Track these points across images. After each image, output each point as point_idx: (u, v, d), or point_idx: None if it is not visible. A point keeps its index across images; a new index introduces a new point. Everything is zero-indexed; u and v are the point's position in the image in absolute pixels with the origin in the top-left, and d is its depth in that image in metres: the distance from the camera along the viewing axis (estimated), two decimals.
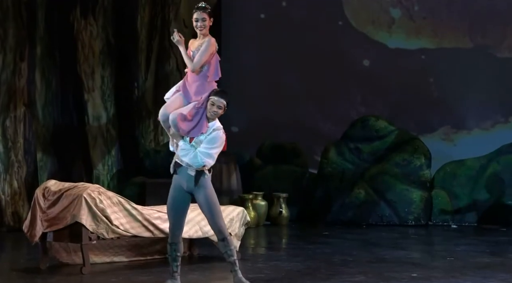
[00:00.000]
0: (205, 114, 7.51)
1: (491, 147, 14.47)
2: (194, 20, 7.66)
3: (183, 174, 7.50)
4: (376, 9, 16.34)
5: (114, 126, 14.77)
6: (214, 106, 7.55)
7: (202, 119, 7.48)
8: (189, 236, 9.67)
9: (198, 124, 7.48)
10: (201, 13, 7.63)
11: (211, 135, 7.54)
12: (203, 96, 7.53)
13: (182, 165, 7.49)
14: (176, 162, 7.53)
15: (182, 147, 7.50)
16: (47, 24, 13.49)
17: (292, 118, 15.75)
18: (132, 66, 15.27)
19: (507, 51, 15.82)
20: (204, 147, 7.50)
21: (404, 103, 15.97)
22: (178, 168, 7.52)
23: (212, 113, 7.55)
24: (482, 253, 10.77)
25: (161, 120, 7.62)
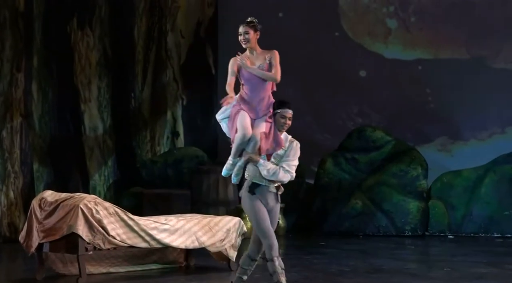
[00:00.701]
0: (276, 128, 7.38)
1: (487, 157, 14.48)
2: (238, 34, 7.70)
3: (263, 193, 7.34)
4: (372, 20, 16.38)
5: (111, 137, 14.77)
6: (284, 118, 7.41)
7: (277, 134, 7.37)
8: (185, 246, 9.67)
9: (276, 139, 7.35)
10: (244, 27, 7.68)
11: (291, 148, 7.41)
12: (270, 110, 7.41)
13: (261, 185, 7.33)
14: (254, 183, 7.35)
15: (266, 166, 7.29)
16: (44, 35, 13.50)
17: (289, 129, 15.75)
18: (129, 77, 15.28)
19: (503, 62, 15.84)
20: (287, 162, 7.35)
21: (401, 114, 15.98)
22: (256, 189, 7.35)
23: (282, 125, 7.41)
24: (478, 264, 10.76)
25: (239, 143, 7.36)
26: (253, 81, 7.46)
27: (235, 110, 7.42)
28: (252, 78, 7.47)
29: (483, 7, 15.86)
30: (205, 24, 16.78)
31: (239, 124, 7.32)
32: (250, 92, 7.44)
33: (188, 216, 10.00)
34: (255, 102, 7.40)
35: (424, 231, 14.02)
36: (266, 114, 7.37)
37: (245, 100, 7.41)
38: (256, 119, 7.37)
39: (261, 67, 7.50)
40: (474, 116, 15.69)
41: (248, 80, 7.47)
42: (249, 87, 7.47)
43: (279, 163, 7.34)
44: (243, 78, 7.52)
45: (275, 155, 7.36)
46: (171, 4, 16.02)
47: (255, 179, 7.35)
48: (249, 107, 7.38)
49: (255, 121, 7.37)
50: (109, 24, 14.79)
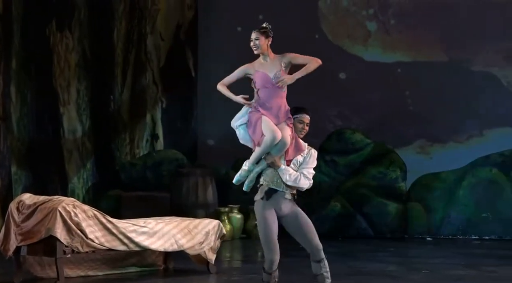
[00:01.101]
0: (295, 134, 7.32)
1: (466, 160, 14.54)
2: (250, 40, 7.64)
3: (278, 199, 7.27)
4: (352, 23, 16.41)
5: (90, 140, 14.73)
6: (302, 123, 7.36)
7: (298, 140, 7.32)
8: (164, 249, 9.66)
9: (297, 145, 7.31)
10: (255, 33, 7.61)
11: (310, 155, 7.35)
12: (290, 115, 7.34)
13: (278, 190, 7.27)
14: (271, 188, 7.27)
15: (288, 171, 7.22)
16: (23, 37, 13.44)
17: None
18: (108, 80, 15.24)
19: (481, 64, 15.91)
20: (306, 169, 7.30)
21: (380, 116, 16.02)
22: (274, 194, 7.27)
23: (300, 131, 7.35)
24: (457, 266, 10.81)
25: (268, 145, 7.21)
26: (268, 87, 7.35)
27: (255, 116, 7.32)
28: (267, 84, 7.36)
29: (462, 10, 15.93)
30: (185, 26, 16.77)
31: (267, 127, 7.21)
32: (267, 99, 7.33)
33: (167, 219, 9.98)
34: (274, 108, 7.31)
35: (403, 234, 14.06)
36: (286, 119, 7.30)
37: (265, 106, 7.31)
38: (278, 124, 7.27)
39: (277, 74, 7.39)
40: (452, 119, 15.75)
41: (264, 87, 7.37)
42: (266, 94, 7.34)
43: (298, 170, 7.29)
44: (257, 84, 7.42)
45: (294, 162, 7.30)
46: (150, 6, 16.00)
47: (272, 184, 7.27)
48: (269, 113, 7.28)
49: (278, 126, 7.26)
50: (88, 26, 14.75)
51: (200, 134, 16.88)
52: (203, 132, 16.86)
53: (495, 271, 10.44)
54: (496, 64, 15.89)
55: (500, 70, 15.89)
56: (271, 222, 7.25)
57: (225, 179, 14.76)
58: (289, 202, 7.31)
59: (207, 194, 13.90)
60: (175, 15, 16.58)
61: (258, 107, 7.34)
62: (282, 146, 7.21)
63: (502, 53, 15.87)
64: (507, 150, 14.56)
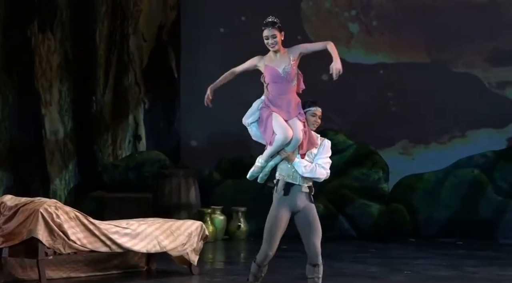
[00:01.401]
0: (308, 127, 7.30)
1: (448, 161, 14.60)
2: (264, 37, 7.46)
3: (295, 193, 7.23)
4: (335, 25, 16.44)
5: (72, 141, 14.68)
6: (315, 116, 7.35)
7: (311, 133, 7.30)
8: (147, 251, 9.63)
9: (311, 138, 7.28)
10: (271, 30, 7.43)
11: (323, 146, 7.35)
12: (301, 110, 7.31)
13: (295, 184, 7.24)
14: (288, 183, 7.25)
15: (303, 163, 7.19)
16: (4, 38, 13.39)
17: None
18: (90, 81, 15.20)
19: (463, 66, 15.98)
20: (321, 159, 7.30)
21: (363, 117, 16.05)
22: (291, 188, 7.24)
23: (313, 123, 7.34)
24: (439, 267, 10.84)
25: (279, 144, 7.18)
26: (278, 82, 7.30)
27: (265, 113, 7.28)
28: (276, 79, 7.31)
29: (444, 12, 15.99)
30: (167, 27, 16.74)
31: (278, 126, 7.17)
32: (277, 94, 7.29)
33: (150, 220, 9.96)
34: (285, 103, 7.26)
35: (385, 234, 14.08)
36: (298, 114, 7.26)
37: (275, 102, 7.27)
38: (289, 119, 7.23)
39: (286, 69, 7.34)
40: (435, 120, 15.80)
41: (273, 82, 7.32)
42: (275, 89, 7.31)
43: (313, 161, 7.27)
44: (267, 79, 7.37)
45: (308, 154, 7.28)
46: (133, 7, 15.97)
47: (288, 178, 7.25)
48: (279, 109, 7.24)
49: (289, 121, 7.22)
50: (70, 27, 14.70)
51: (183, 135, 16.86)
52: (186, 133, 16.84)
53: (477, 272, 10.48)
54: (477, 65, 15.97)
55: (481, 71, 15.96)
56: (281, 219, 7.23)
57: (208, 180, 14.77)
58: (306, 196, 7.27)
59: (190, 195, 13.88)
60: (158, 16, 16.55)
61: (269, 103, 7.29)
62: (295, 142, 7.17)
63: (484, 54, 15.95)
64: (489, 151, 14.63)
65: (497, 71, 15.92)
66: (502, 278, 10.08)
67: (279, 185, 7.29)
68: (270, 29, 7.45)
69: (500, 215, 13.96)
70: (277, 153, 7.28)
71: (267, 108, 7.29)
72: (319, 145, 7.34)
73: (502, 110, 15.73)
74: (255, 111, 7.43)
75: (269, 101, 7.31)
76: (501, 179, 14.26)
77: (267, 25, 7.48)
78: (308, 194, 7.29)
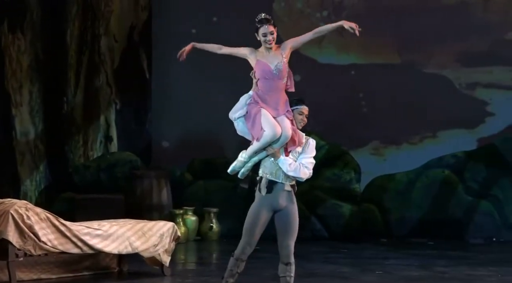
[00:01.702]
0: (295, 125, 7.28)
1: (419, 161, 14.66)
2: (262, 35, 7.36)
3: (278, 191, 7.24)
4: (306, 25, 16.44)
5: (43, 142, 14.60)
6: (302, 115, 7.35)
7: (297, 131, 7.28)
8: (118, 252, 9.60)
9: (297, 136, 7.27)
10: (269, 27, 7.37)
11: (308, 145, 7.35)
12: (289, 108, 7.27)
13: (278, 182, 7.24)
14: (271, 180, 7.25)
15: (288, 162, 7.19)
16: None
17: (224, 134, 15.76)
18: (61, 81, 15.12)
19: (434, 67, 16.07)
20: (305, 159, 7.29)
21: (335, 118, 16.09)
22: (274, 186, 7.25)
23: (300, 122, 7.34)
24: (410, 267, 10.89)
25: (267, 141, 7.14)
26: (268, 79, 7.22)
27: (254, 109, 7.21)
28: (268, 75, 7.22)
29: (414, 13, 16.07)
30: (139, 28, 16.69)
31: (267, 123, 7.12)
32: (267, 90, 7.21)
33: (122, 222, 9.93)
34: (274, 100, 7.21)
35: (357, 235, 14.12)
36: (286, 111, 7.23)
37: (264, 98, 7.20)
38: (277, 117, 7.19)
39: (279, 66, 7.25)
40: (406, 121, 15.87)
41: (264, 78, 7.23)
42: (265, 85, 7.21)
43: (297, 160, 7.26)
44: (257, 74, 7.27)
45: (293, 152, 7.27)
46: (104, 8, 15.90)
47: (271, 176, 7.25)
48: (268, 106, 7.18)
49: (277, 118, 7.19)
50: (41, 27, 14.61)
51: (155, 135, 16.82)
52: (158, 133, 16.80)
53: (447, 272, 10.55)
54: (448, 66, 16.07)
55: (452, 72, 16.06)
56: (261, 218, 7.26)
57: (180, 181, 14.74)
58: (288, 194, 7.28)
59: (162, 196, 13.84)
60: (129, 16, 16.50)
61: (257, 99, 7.23)
62: (283, 139, 7.17)
63: (454, 55, 16.05)
64: (460, 151, 14.72)
65: (467, 72, 16.03)
66: (471, 277, 10.15)
67: (262, 183, 7.29)
68: (267, 26, 7.40)
69: (470, 215, 14.05)
70: (263, 149, 7.25)
71: (256, 104, 7.22)
72: (303, 144, 7.33)
73: (472, 111, 15.83)
74: (243, 106, 7.34)
75: (258, 97, 7.23)
76: (471, 180, 14.36)
77: (263, 22, 7.43)
78: (290, 193, 7.30)
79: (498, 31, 15.93)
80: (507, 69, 15.91)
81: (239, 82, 16.97)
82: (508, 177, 14.20)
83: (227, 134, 16.96)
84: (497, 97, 15.91)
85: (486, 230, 14.01)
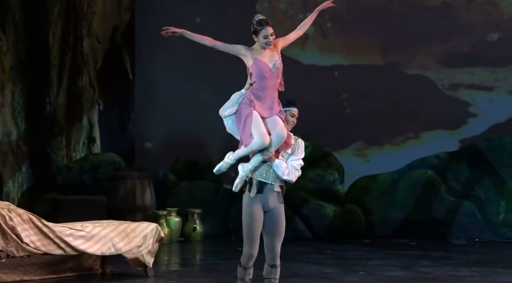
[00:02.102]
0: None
1: (402, 162, 14.70)
2: (263, 37, 7.27)
3: (267, 192, 7.22)
4: (289, 26, 16.42)
5: (25, 143, 14.54)
6: (294, 117, 7.33)
7: (288, 132, 7.27)
8: (101, 253, 9.57)
9: (288, 138, 7.24)
10: (269, 28, 7.31)
11: (297, 146, 7.31)
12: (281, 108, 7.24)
13: (267, 183, 7.20)
14: (260, 181, 7.20)
15: (283, 165, 7.16)
16: None
17: (207, 134, 15.75)
18: (44, 82, 15.07)
19: (417, 67, 16.12)
20: (295, 161, 7.26)
21: (318, 119, 16.11)
22: (264, 187, 7.22)
23: (292, 124, 7.32)
24: (393, 267, 10.91)
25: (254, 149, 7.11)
26: (267, 77, 7.18)
27: (246, 110, 7.12)
28: (266, 74, 7.17)
29: (397, 14, 16.12)
30: (121, 29, 16.66)
31: (256, 130, 7.06)
32: (263, 89, 7.16)
33: (105, 223, 9.91)
34: (270, 99, 7.17)
35: (341, 235, 14.14)
36: (279, 111, 7.20)
37: (259, 97, 7.14)
38: (270, 117, 7.13)
39: (276, 65, 7.25)
40: (389, 121, 15.91)
41: (262, 77, 7.17)
42: (262, 83, 7.15)
43: (287, 161, 7.25)
44: (255, 73, 7.20)
45: (283, 154, 7.25)
46: (86, 8, 15.86)
47: (261, 178, 7.21)
48: (263, 104, 7.12)
49: (270, 119, 7.14)
50: (23, 28, 14.56)
51: (138, 136, 16.79)
52: (141, 134, 16.77)
53: (430, 272, 10.58)
54: (430, 67, 16.12)
55: (435, 73, 16.11)
56: (256, 219, 7.24)
57: (163, 181, 14.72)
58: (277, 195, 7.27)
59: (145, 197, 13.82)
60: (112, 17, 16.47)
61: (252, 98, 7.15)
62: (280, 139, 7.11)
63: (436, 56, 16.11)
64: (443, 152, 14.76)
65: (449, 73, 16.08)
66: (454, 278, 10.19)
67: (252, 184, 7.26)
68: (268, 27, 7.33)
69: (453, 216, 14.10)
70: (259, 153, 7.16)
71: (249, 105, 7.13)
72: (293, 145, 7.32)
73: (455, 112, 15.89)
74: (234, 104, 7.24)
75: (253, 96, 7.16)
76: (454, 180, 14.40)
77: (263, 24, 7.34)
78: (279, 194, 7.29)
79: (480, 32, 16.00)
80: (489, 70, 15.97)
81: (222, 83, 17.01)
82: (490, 178, 14.26)
83: (210, 135, 16.98)
84: (479, 98, 15.97)
85: (469, 231, 14.07)
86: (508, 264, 11.30)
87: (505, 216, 14.11)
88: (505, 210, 14.14)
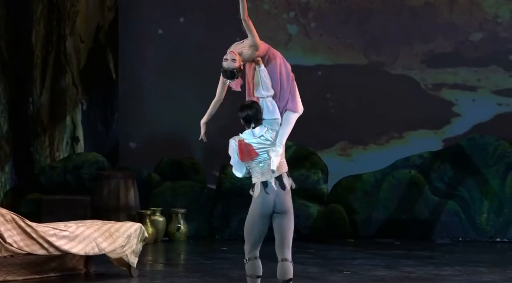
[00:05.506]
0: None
1: (386, 162, 14.73)
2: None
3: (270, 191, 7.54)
4: (273, 26, 16.48)
5: (8, 142, 14.48)
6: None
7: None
8: (85, 253, 9.56)
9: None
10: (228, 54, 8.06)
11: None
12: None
13: (269, 182, 7.51)
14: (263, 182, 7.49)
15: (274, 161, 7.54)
16: None
17: (191, 134, 15.73)
18: (26, 82, 15.00)
19: (400, 68, 16.16)
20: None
21: (302, 119, 16.01)
22: (266, 187, 7.48)
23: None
24: (377, 267, 10.94)
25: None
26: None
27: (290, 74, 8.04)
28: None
29: (381, 14, 16.16)
30: (105, 28, 16.62)
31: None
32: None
33: (88, 222, 9.89)
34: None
35: (325, 235, 14.16)
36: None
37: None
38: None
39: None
40: (373, 121, 15.95)
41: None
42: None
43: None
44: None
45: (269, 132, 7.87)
46: (70, 8, 15.81)
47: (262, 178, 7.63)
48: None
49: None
50: (5, 28, 14.50)
51: (121, 136, 16.76)
52: (124, 134, 16.74)
53: (414, 271, 10.61)
54: (414, 67, 16.17)
55: (418, 73, 16.16)
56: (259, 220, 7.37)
57: (147, 181, 14.69)
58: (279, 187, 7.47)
59: (129, 196, 13.79)
60: (95, 16, 16.42)
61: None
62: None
63: (420, 56, 16.16)
64: (426, 152, 14.80)
65: (433, 73, 16.14)
66: (438, 277, 10.22)
67: (257, 187, 7.32)
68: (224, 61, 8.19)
69: (436, 215, 14.14)
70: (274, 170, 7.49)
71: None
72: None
73: (438, 112, 15.95)
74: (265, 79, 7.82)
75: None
76: (437, 180, 14.45)
77: (223, 66, 8.15)
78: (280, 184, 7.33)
79: (463, 32, 16.06)
80: (472, 70, 16.04)
81: (207, 82, 16.98)
82: (474, 177, 14.31)
83: (194, 135, 16.93)
84: (462, 98, 16.04)
85: (452, 230, 14.11)
86: (491, 264, 11.36)
87: (488, 216, 14.17)
88: (488, 210, 14.19)
